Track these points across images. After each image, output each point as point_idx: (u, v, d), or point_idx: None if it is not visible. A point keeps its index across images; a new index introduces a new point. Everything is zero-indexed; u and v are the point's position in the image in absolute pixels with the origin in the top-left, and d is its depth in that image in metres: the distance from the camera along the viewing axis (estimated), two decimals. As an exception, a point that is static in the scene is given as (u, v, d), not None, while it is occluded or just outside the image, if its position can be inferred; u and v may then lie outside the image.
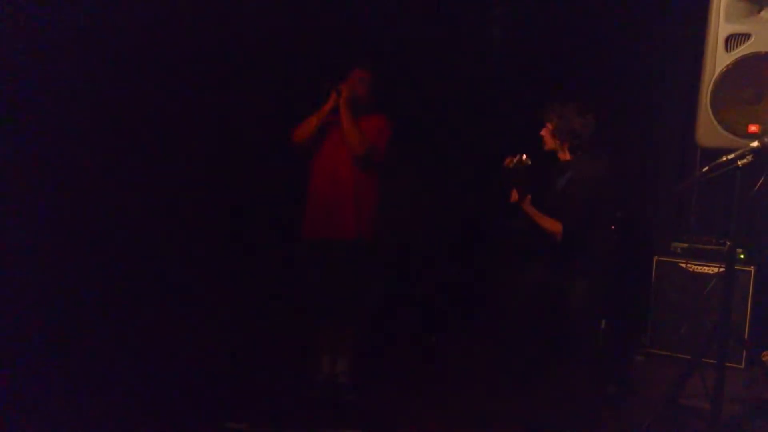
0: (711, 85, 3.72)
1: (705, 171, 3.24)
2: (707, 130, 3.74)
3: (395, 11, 4.90)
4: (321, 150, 3.75)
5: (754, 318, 4.24)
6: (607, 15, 4.85)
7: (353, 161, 3.69)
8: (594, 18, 4.93)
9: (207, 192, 4.52)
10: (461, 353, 4.55)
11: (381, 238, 3.82)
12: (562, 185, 3.84)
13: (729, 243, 3.31)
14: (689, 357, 3.57)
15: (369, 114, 3.77)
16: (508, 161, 3.76)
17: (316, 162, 3.77)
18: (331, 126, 3.73)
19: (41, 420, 3.23)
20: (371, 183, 3.78)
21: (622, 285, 4.23)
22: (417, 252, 5.06)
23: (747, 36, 3.69)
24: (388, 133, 3.76)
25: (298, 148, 3.77)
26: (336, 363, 3.83)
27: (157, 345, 4.02)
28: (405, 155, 4.06)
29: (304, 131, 3.73)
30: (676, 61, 4.73)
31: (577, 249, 3.75)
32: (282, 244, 4.20)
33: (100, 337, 3.91)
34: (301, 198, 3.83)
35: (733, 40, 3.70)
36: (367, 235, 3.74)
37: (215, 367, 3.96)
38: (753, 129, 3.61)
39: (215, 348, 4.15)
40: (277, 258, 4.38)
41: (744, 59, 3.67)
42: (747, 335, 4.23)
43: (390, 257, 4.29)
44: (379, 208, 3.81)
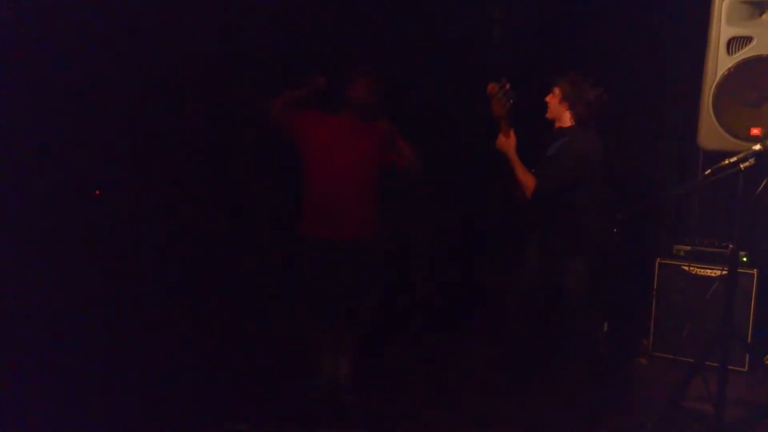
0: (713, 88, 3.72)
1: (707, 174, 3.24)
2: (709, 132, 3.74)
3: (395, 11, 4.90)
4: (320, 149, 3.74)
5: (756, 321, 4.23)
6: (609, 18, 4.85)
7: (367, 164, 3.70)
8: (596, 21, 4.93)
9: (207, 191, 4.52)
10: (461, 353, 4.55)
11: (381, 238, 3.82)
12: (552, 151, 3.75)
13: (732, 246, 3.30)
14: (692, 360, 3.55)
15: (375, 119, 3.74)
16: (491, 87, 3.63)
17: (313, 161, 3.75)
18: (331, 126, 3.72)
19: (41, 420, 3.23)
20: (371, 183, 3.77)
21: (623, 287, 4.22)
22: (417, 252, 5.06)
23: (749, 39, 3.69)
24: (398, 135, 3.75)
25: (269, 119, 3.75)
26: (336, 363, 3.82)
27: (157, 345, 4.03)
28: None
29: (272, 104, 3.71)
30: (678, 64, 4.72)
31: (568, 227, 3.70)
32: (282, 244, 4.19)
33: (100, 337, 3.91)
34: (300, 197, 3.82)
35: (735, 43, 3.70)
36: (368, 235, 3.74)
37: (215, 367, 3.96)
38: (755, 132, 3.61)
39: (215, 348, 4.15)
40: (278, 258, 4.38)
41: (746, 62, 3.67)
42: (750, 338, 4.22)
43: (390, 257, 4.28)
44: (379, 208, 3.80)
